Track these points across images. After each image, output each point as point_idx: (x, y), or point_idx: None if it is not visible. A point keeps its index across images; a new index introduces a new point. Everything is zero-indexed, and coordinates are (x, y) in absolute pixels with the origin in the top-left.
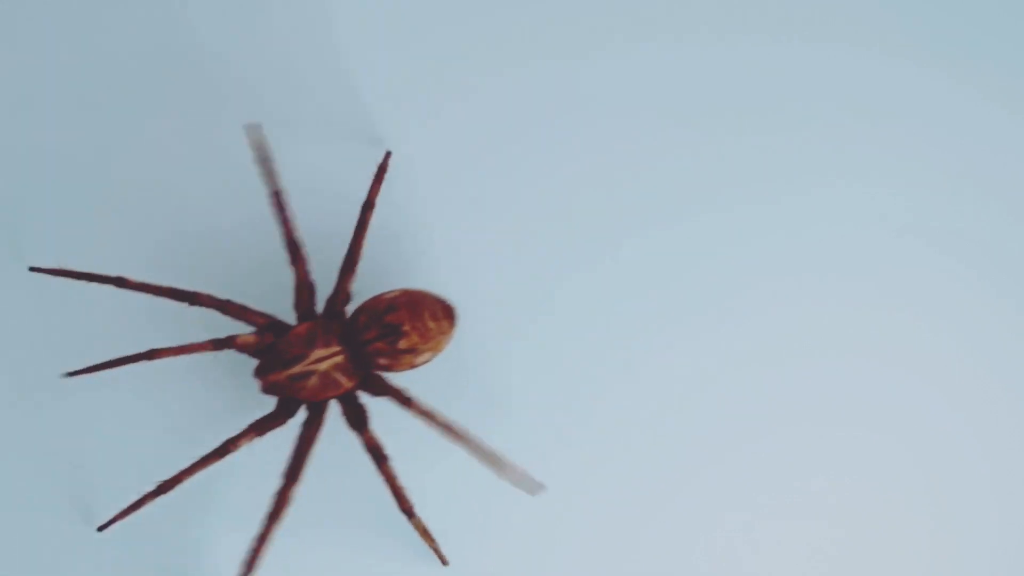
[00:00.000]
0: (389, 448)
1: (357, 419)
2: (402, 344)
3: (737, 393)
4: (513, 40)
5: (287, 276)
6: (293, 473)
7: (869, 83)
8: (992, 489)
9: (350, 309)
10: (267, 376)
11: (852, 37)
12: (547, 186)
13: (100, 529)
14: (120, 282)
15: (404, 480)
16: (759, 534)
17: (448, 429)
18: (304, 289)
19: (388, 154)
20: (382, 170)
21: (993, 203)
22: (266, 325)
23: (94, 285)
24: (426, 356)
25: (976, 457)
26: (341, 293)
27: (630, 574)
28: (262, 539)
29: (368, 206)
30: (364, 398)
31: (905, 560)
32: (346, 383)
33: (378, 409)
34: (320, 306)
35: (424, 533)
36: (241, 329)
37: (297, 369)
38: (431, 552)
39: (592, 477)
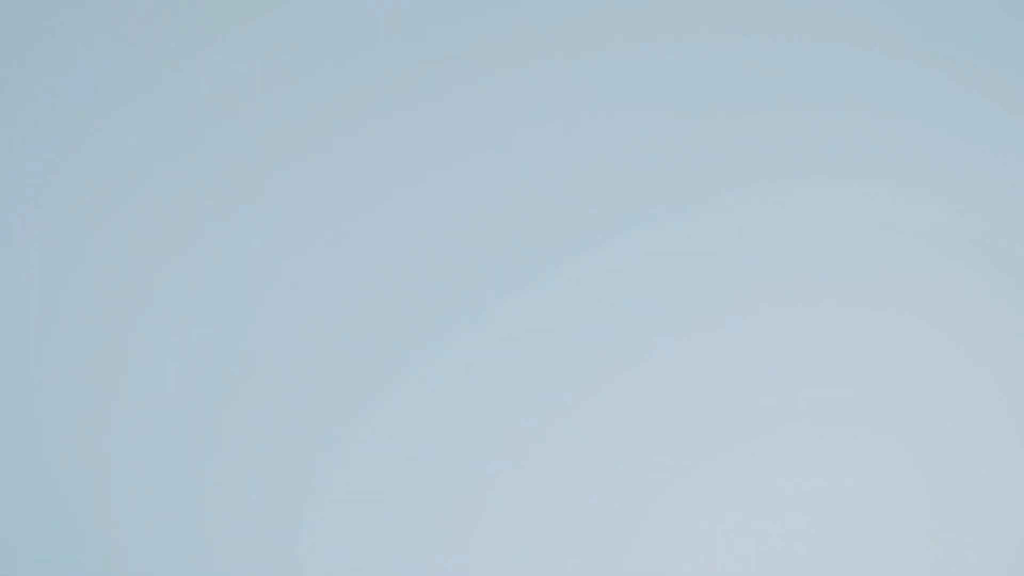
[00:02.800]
0: None
1: None
2: None
3: (734, 393)
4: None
5: None
6: None
7: (869, 83)
8: (992, 489)
9: None
10: None
11: (852, 37)
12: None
13: None
14: None
15: None
16: (756, 533)
17: None
18: None
19: None
20: None
21: (993, 203)
22: None
23: None
24: None
25: (976, 457)
26: None
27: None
28: None
29: None
30: None
31: (904, 558)
32: None
33: None
34: None
35: None
36: None
37: None
38: None
39: (587, 476)
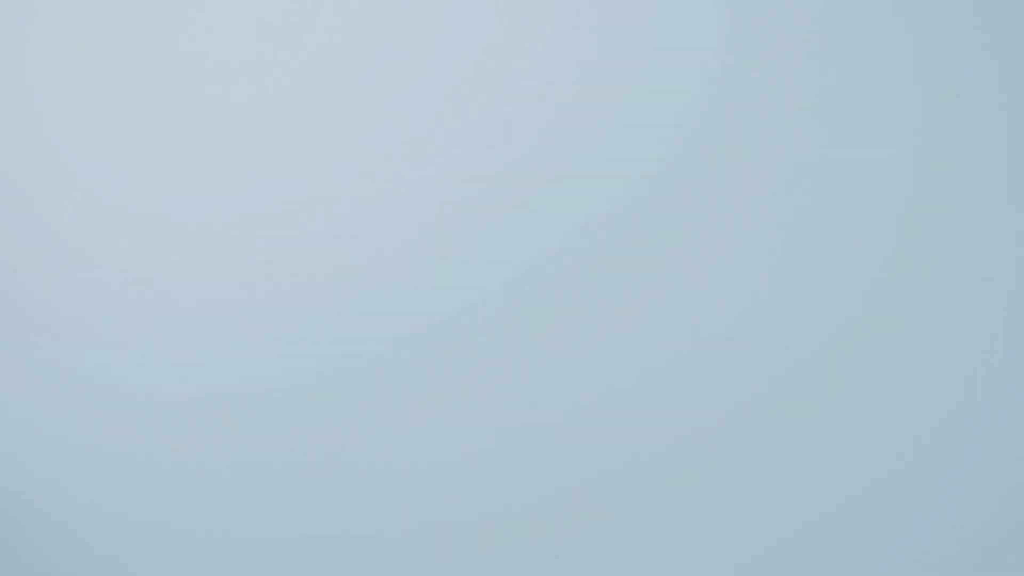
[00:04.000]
0: None
1: None
2: None
3: (730, 388)
4: None
5: None
6: None
7: (869, 84)
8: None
9: None
10: None
11: (852, 37)
12: None
13: None
14: None
15: None
16: (751, 527)
17: None
18: None
19: None
20: None
21: (991, 202)
22: None
23: None
24: None
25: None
26: None
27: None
28: None
29: None
30: None
31: None
32: None
33: None
34: None
35: None
36: None
37: None
38: None
39: (588, 473)
